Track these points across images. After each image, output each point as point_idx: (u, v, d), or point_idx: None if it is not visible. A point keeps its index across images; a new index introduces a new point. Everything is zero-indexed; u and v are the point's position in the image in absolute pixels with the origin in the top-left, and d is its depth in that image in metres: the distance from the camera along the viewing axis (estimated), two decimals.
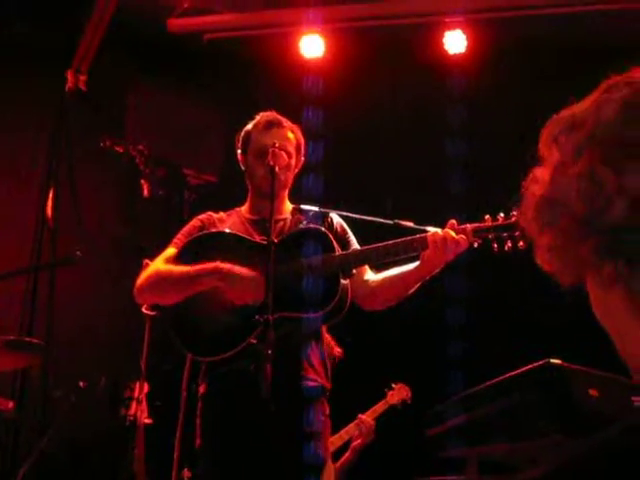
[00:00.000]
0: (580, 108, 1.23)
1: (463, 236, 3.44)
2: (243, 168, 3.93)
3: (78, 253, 3.86)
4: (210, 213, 3.93)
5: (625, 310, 1.16)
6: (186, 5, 6.80)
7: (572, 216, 1.14)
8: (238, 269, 3.54)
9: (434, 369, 5.81)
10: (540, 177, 1.23)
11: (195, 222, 3.89)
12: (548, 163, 1.23)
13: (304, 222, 3.78)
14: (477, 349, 5.73)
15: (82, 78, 6.86)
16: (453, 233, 3.43)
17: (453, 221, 3.51)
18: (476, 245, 3.47)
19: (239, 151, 3.94)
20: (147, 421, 5.27)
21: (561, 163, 1.19)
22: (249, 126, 3.94)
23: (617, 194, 1.10)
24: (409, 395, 5.92)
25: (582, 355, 2.21)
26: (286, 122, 3.90)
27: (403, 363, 6.35)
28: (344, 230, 3.85)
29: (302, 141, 3.94)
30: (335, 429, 4.43)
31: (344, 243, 3.77)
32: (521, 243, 3.36)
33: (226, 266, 3.56)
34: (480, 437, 2.25)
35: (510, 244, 3.40)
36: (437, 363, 5.79)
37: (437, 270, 3.53)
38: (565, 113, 1.25)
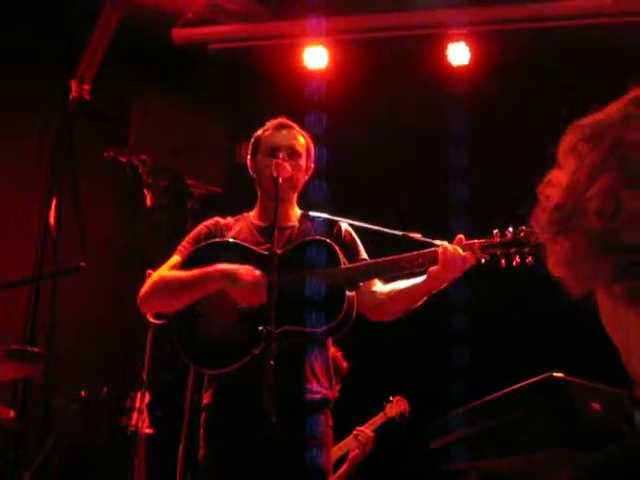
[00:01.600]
0: (602, 117, 1.23)
1: (470, 253, 3.42)
2: (252, 173, 3.93)
3: (82, 264, 3.86)
4: (217, 218, 3.92)
5: (636, 327, 1.16)
6: (190, 15, 6.81)
7: (588, 230, 1.14)
8: (243, 269, 3.54)
9: (433, 382, 5.81)
10: (556, 181, 1.23)
11: (201, 228, 3.88)
12: (565, 169, 1.23)
13: (311, 231, 3.77)
14: (478, 362, 5.72)
15: (86, 87, 6.87)
16: (460, 250, 3.42)
17: (461, 236, 3.49)
18: (483, 261, 3.45)
19: (248, 157, 3.94)
20: (148, 431, 5.26)
21: (579, 173, 1.18)
22: (259, 131, 3.95)
23: (637, 217, 1.10)
24: (407, 408, 5.90)
25: (585, 368, 2.21)
26: (296, 126, 3.93)
27: (402, 376, 6.34)
28: (352, 239, 3.83)
29: (312, 146, 3.94)
30: (335, 441, 4.42)
31: (352, 252, 3.75)
32: (529, 259, 3.35)
33: (231, 267, 3.56)
34: (483, 450, 2.24)
35: (518, 260, 3.38)
36: (436, 376, 5.78)
37: (445, 285, 3.51)
38: (586, 121, 1.25)
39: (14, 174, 6.65)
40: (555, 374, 1.90)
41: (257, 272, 3.53)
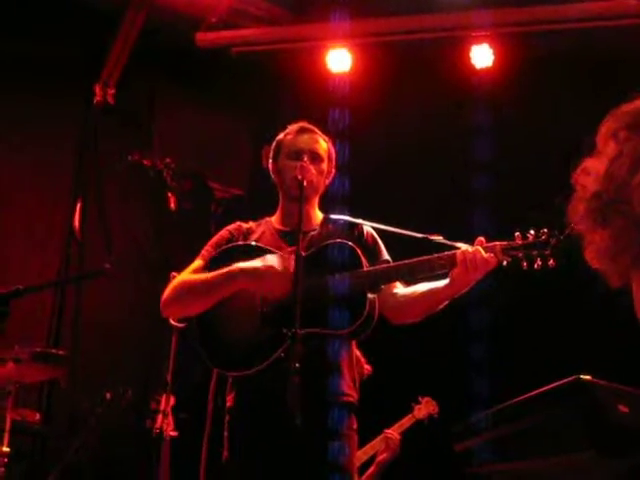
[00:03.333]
0: None
1: (492, 254, 3.41)
2: (274, 177, 3.94)
3: (107, 266, 3.88)
4: (240, 223, 3.94)
5: None
6: (214, 19, 6.84)
7: (632, 218, 1.12)
8: (263, 265, 3.55)
9: (461, 383, 5.79)
10: (593, 169, 1.21)
11: (224, 233, 3.90)
12: (603, 156, 1.20)
13: (333, 234, 3.77)
14: (505, 364, 5.71)
15: (110, 92, 6.92)
16: (482, 251, 3.41)
17: (482, 238, 3.48)
18: (505, 263, 3.44)
19: (270, 161, 3.95)
20: (173, 434, 5.27)
21: (621, 161, 1.16)
22: (281, 135, 3.96)
23: None
24: (436, 409, 5.87)
25: (613, 371, 2.20)
26: (318, 130, 3.94)
27: (430, 377, 6.32)
28: (374, 240, 3.84)
29: (333, 151, 3.95)
30: (361, 444, 4.41)
31: (374, 254, 3.76)
32: (551, 261, 3.34)
33: (250, 264, 3.57)
34: (509, 453, 2.24)
35: (540, 262, 3.37)
36: (464, 377, 5.77)
37: (467, 288, 3.50)
38: (627, 108, 1.23)
39: (39, 178, 6.69)
40: (582, 376, 1.90)
41: (277, 263, 3.55)
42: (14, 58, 6.44)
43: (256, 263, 3.58)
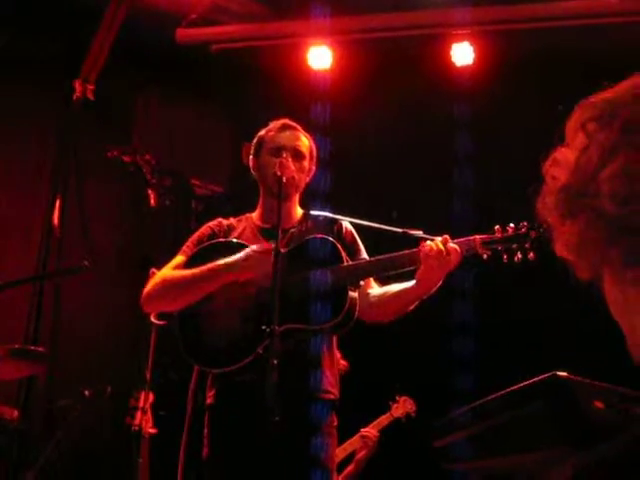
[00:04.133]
0: (611, 96, 1.21)
1: (455, 249, 3.41)
2: (254, 173, 3.94)
3: (86, 263, 3.86)
4: (220, 219, 3.94)
5: None
6: (194, 15, 6.82)
7: (600, 213, 1.12)
8: (243, 253, 3.56)
9: (439, 382, 5.81)
10: (563, 160, 1.21)
11: (205, 229, 3.90)
12: (572, 147, 1.20)
13: (313, 230, 3.77)
14: (483, 361, 5.72)
15: (90, 87, 6.88)
16: (442, 246, 3.40)
17: (446, 236, 3.48)
18: (485, 257, 3.46)
19: (251, 157, 3.95)
20: (152, 431, 5.26)
21: (590, 153, 1.16)
22: (262, 131, 3.96)
23: None
24: (413, 408, 5.90)
25: (588, 367, 2.21)
26: (300, 127, 3.94)
27: (408, 375, 6.33)
28: (353, 238, 3.85)
29: (314, 148, 3.96)
30: (339, 441, 4.42)
31: (353, 251, 3.77)
32: (531, 254, 3.36)
33: (230, 259, 3.58)
34: (486, 449, 2.24)
35: (520, 255, 3.39)
36: (442, 375, 5.78)
37: (435, 287, 3.50)
38: (595, 99, 1.22)
39: (18, 174, 6.65)
40: (559, 373, 1.90)
41: (255, 248, 3.56)
42: None
43: (235, 256, 3.59)
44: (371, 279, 3.75)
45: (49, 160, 6.78)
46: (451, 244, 3.43)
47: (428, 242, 3.44)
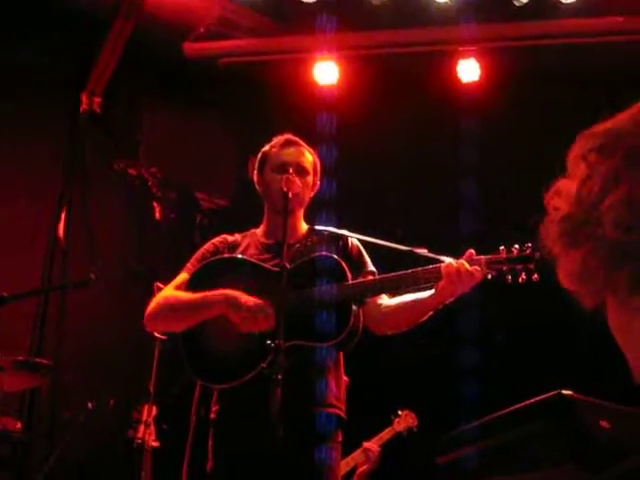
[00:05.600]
0: (612, 126, 1.21)
1: (478, 267, 3.42)
2: (259, 189, 3.94)
3: (92, 276, 3.87)
4: (225, 236, 3.93)
5: None
6: (202, 29, 6.84)
7: (603, 240, 1.13)
8: (245, 298, 3.55)
9: (441, 396, 5.80)
10: (565, 191, 1.21)
11: (209, 246, 3.89)
12: (574, 178, 1.21)
13: (318, 246, 3.77)
14: (486, 376, 5.71)
15: (97, 100, 6.91)
16: (467, 265, 3.41)
17: (471, 251, 3.49)
18: (490, 277, 3.46)
19: (255, 172, 3.95)
20: (155, 444, 5.26)
21: (591, 183, 1.17)
22: (266, 147, 3.96)
23: None
24: (415, 422, 5.89)
25: (594, 386, 2.21)
26: (303, 143, 3.94)
27: (410, 390, 6.33)
28: (359, 252, 3.84)
29: (318, 164, 3.95)
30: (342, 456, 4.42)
31: (358, 265, 3.76)
32: (535, 276, 3.36)
33: (233, 294, 3.56)
34: (489, 467, 2.24)
35: (524, 276, 3.39)
36: (444, 390, 5.77)
37: (451, 300, 3.51)
38: (597, 129, 1.23)
39: (24, 186, 6.66)
40: (564, 391, 1.90)
41: (260, 300, 3.54)
42: (1, 66, 6.42)
43: (239, 294, 3.58)
44: None
45: (56, 173, 6.80)
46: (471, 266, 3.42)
47: (453, 262, 3.44)
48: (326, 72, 6.90)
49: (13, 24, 6.49)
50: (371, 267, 3.80)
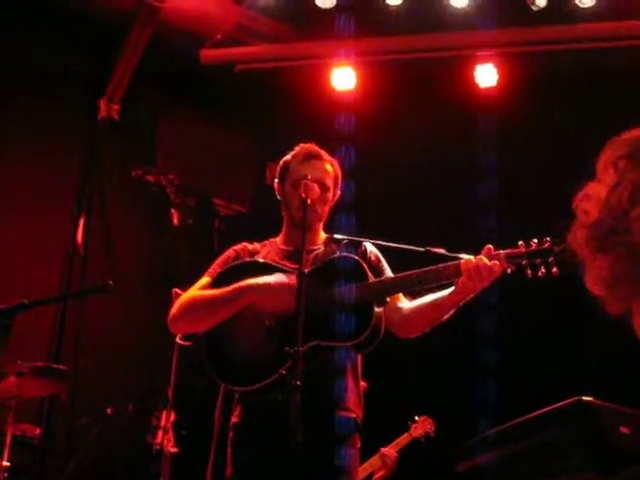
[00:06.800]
0: None
1: (497, 262, 3.40)
2: (279, 198, 3.93)
3: (110, 282, 3.87)
4: (245, 244, 3.93)
5: None
6: (219, 36, 6.85)
7: (631, 249, 1.12)
8: (272, 279, 3.56)
9: (459, 402, 5.78)
10: (594, 195, 1.21)
11: (230, 252, 3.89)
12: (603, 183, 1.21)
13: (337, 253, 3.77)
14: (506, 384, 5.69)
15: (115, 107, 6.94)
16: (486, 260, 3.40)
17: (489, 246, 3.48)
18: (509, 271, 3.44)
19: (276, 180, 3.94)
20: (173, 450, 5.26)
21: (621, 190, 1.16)
22: (288, 156, 3.93)
23: None
24: (432, 428, 5.87)
25: (615, 392, 2.20)
26: (325, 155, 3.90)
27: (428, 395, 6.31)
28: (378, 259, 3.83)
29: (340, 175, 3.93)
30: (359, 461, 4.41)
31: (378, 272, 3.75)
32: (555, 269, 3.33)
33: (260, 279, 3.57)
34: (511, 474, 2.23)
35: (544, 270, 3.36)
36: (462, 396, 5.76)
37: (472, 296, 3.50)
38: (627, 136, 1.23)
39: (43, 193, 6.68)
40: (584, 397, 1.89)
41: (286, 279, 3.55)
42: (20, 72, 6.46)
43: (265, 278, 3.59)
44: (400, 294, 3.73)
45: (74, 180, 6.83)
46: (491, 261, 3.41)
47: (471, 258, 3.43)
48: (343, 78, 6.90)
49: (32, 31, 6.53)
50: (389, 274, 3.79)
